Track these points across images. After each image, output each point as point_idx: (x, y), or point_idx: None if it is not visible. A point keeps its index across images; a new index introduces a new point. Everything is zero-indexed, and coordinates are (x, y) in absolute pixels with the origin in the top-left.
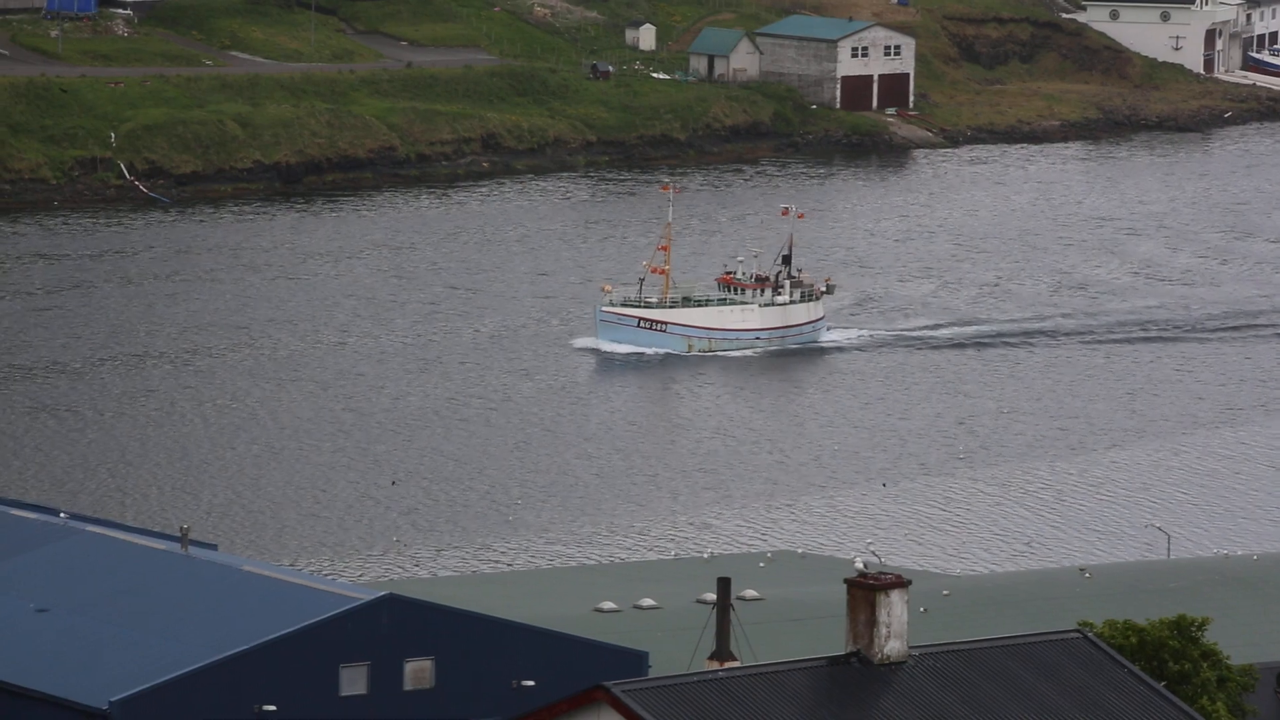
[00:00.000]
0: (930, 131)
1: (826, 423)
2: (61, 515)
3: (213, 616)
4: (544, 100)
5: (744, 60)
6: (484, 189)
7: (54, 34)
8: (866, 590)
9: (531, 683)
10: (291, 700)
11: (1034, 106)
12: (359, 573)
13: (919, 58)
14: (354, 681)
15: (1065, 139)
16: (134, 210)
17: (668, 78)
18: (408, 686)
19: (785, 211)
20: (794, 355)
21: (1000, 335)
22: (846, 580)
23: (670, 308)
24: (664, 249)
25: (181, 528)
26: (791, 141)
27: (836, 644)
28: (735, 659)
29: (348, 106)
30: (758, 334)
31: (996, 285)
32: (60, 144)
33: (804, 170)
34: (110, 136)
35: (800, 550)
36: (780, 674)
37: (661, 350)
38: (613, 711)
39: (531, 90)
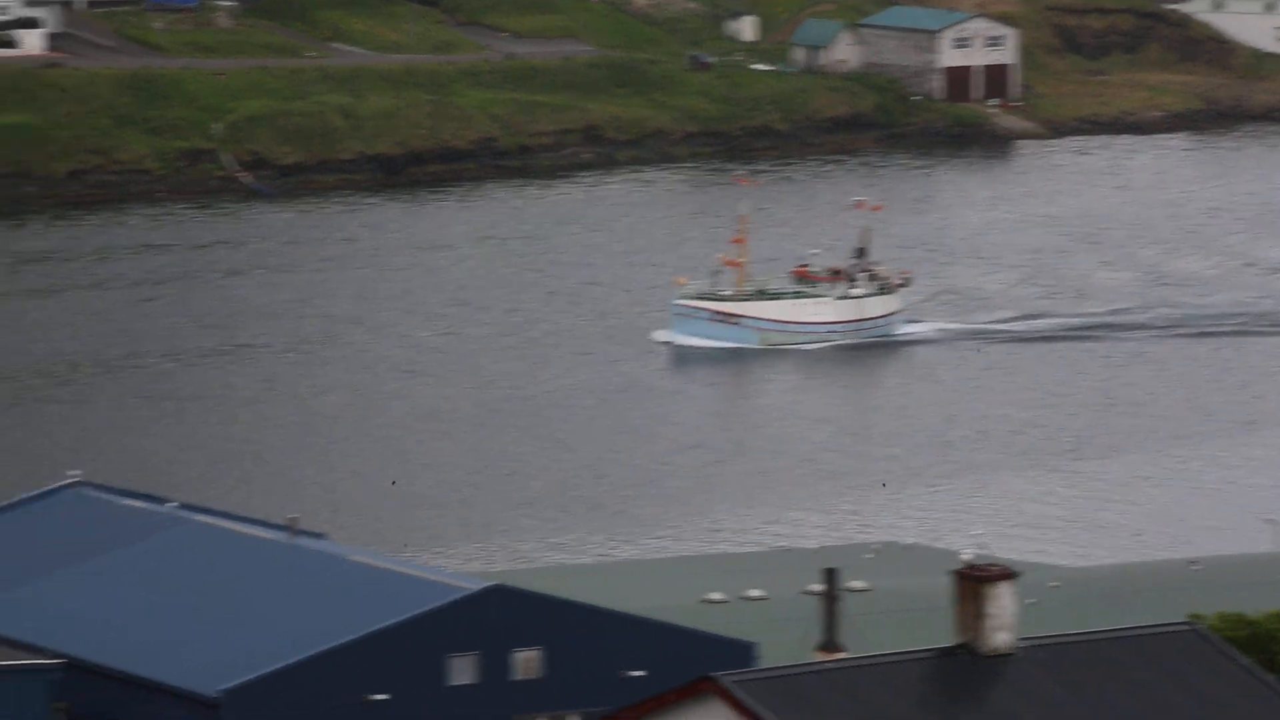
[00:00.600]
0: (1033, 123)
1: (929, 414)
2: (171, 505)
3: (321, 606)
4: (645, 91)
5: (845, 51)
6: (586, 180)
7: (158, 26)
8: (974, 582)
9: (639, 673)
10: (400, 690)
11: (1137, 97)
12: (467, 563)
13: (1021, 49)
14: (462, 671)
15: (1169, 130)
16: (237, 201)
17: (769, 69)
18: (515, 676)
19: (860, 204)
20: (871, 349)
21: (1104, 327)
22: (954, 571)
23: (744, 300)
24: (738, 241)
25: (289, 517)
26: (893, 133)
27: (944, 636)
28: (843, 650)
29: (449, 98)
30: (832, 327)
31: (1097, 277)
32: (164, 135)
33: (905, 161)
34: (214, 128)
35: (908, 541)
36: (888, 665)
37: (735, 344)
38: (721, 703)
39: (632, 81)
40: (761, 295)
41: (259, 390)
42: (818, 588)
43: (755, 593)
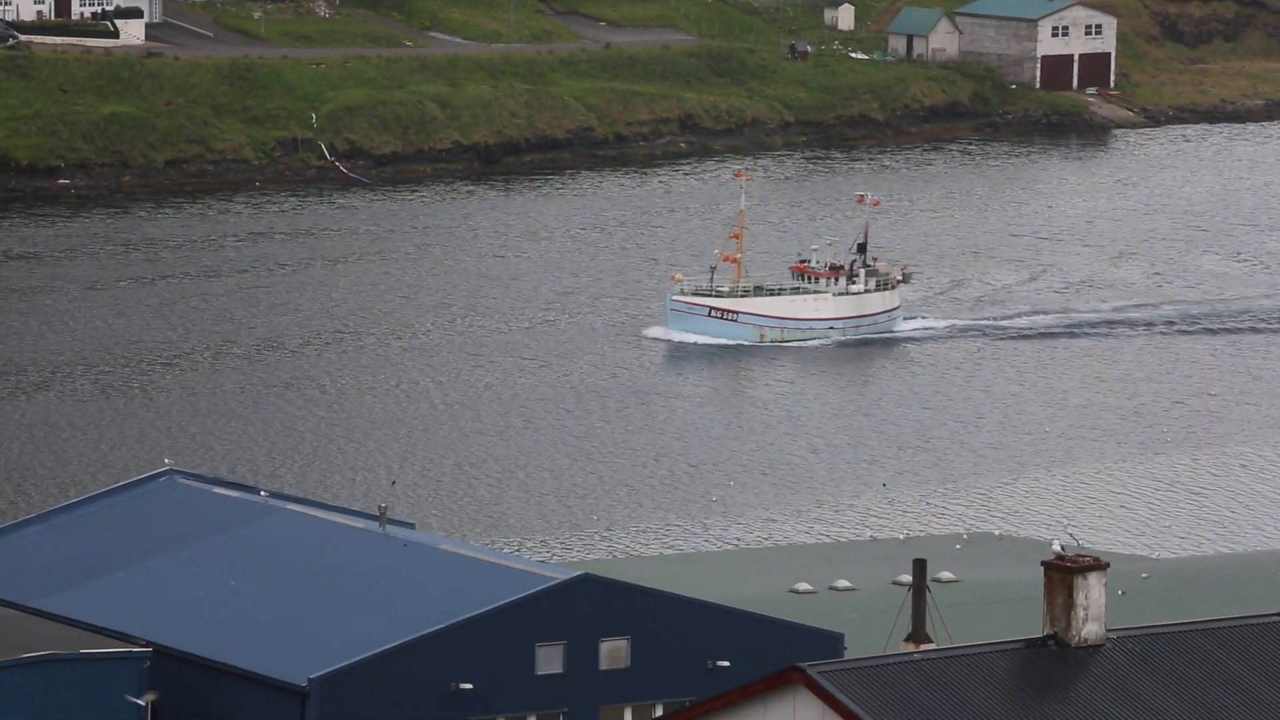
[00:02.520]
0: (1131, 111)
1: (1024, 405)
2: (262, 494)
3: (410, 595)
4: (742, 80)
5: (943, 40)
6: (682, 169)
7: (257, 16)
8: (1064, 573)
9: (726, 663)
10: (488, 678)
11: (1237, 86)
12: (555, 552)
13: (1120, 37)
14: (550, 660)
15: (1270, 118)
16: (335, 190)
17: (866, 58)
18: (603, 666)
19: (861, 199)
20: (873, 345)
21: (1202, 317)
22: (1044, 562)
23: (742, 297)
24: (736, 237)
25: (380, 506)
26: (990, 121)
27: (1033, 627)
28: (931, 641)
29: (546, 87)
30: (831, 324)
31: (1182, 267)
32: (263, 125)
33: (1004, 150)
34: (311, 117)
35: (997, 532)
36: (976, 656)
37: (732, 340)
38: (808, 693)
39: (729, 70)
40: (760, 291)
41: (350, 378)
42: (906, 579)
43: (843, 583)
